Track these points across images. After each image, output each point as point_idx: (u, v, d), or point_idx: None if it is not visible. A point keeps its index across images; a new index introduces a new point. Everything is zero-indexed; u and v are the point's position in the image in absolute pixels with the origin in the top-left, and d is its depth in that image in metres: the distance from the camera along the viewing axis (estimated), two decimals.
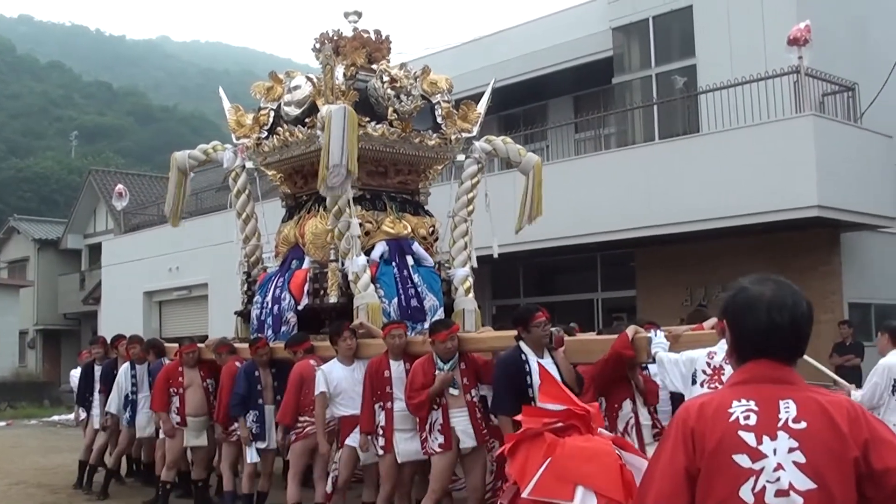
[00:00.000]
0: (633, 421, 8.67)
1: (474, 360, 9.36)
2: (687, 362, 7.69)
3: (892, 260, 19.63)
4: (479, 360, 9.37)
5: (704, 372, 7.56)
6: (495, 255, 13.65)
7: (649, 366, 9.01)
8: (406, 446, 9.47)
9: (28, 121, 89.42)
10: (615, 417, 8.73)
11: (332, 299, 11.90)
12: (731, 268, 16.98)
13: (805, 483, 2.80)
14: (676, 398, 8.57)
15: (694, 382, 7.55)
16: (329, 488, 10.35)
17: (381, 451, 9.61)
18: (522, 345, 8.37)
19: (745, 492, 2.84)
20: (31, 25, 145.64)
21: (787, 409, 2.91)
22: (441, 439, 9.06)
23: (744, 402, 2.96)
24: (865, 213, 17.51)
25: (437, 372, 9.11)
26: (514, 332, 8.59)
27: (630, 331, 8.46)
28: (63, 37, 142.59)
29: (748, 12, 19.42)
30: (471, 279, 13.03)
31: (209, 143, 14.74)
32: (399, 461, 9.56)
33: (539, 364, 8.02)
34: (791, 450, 2.84)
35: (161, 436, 12.77)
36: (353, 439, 9.99)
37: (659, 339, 8.21)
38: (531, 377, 8.09)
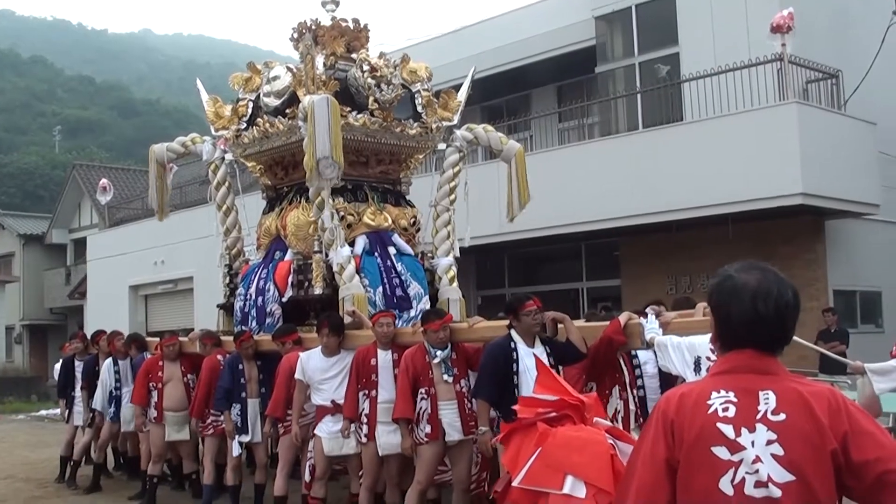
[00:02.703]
0: (621, 408, 8.69)
1: (465, 349, 9.38)
2: (690, 347, 7.61)
3: (877, 247, 19.68)
4: (470, 349, 9.37)
5: (709, 359, 7.50)
6: (466, 244, 13.54)
7: (639, 353, 9.02)
8: (388, 439, 9.44)
9: (11, 116, 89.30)
10: (604, 404, 8.74)
11: (318, 290, 11.85)
12: (716, 256, 16.99)
13: (783, 475, 2.80)
14: (667, 386, 8.54)
15: (698, 369, 7.46)
16: (307, 477, 10.32)
17: (364, 440, 9.61)
18: (513, 333, 8.38)
19: (725, 484, 2.84)
20: (12, 20, 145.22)
21: (767, 401, 2.90)
22: (428, 429, 9.07)
23: (723, 393, 2.95)
24: (850, 201, 17.54)
25: (428, 360, 9.12)
26: (507, 322, 8.58)
27: (623, 317, 8.50)
28: (45, 31, 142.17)
29: (731, 0, 19.38)
30: (454, 268, 12.99)
31: (189, 135, 14.67)
32: (381, 453, 9.54)
33: (535, 356, 8.01)
34: (769, 442, 2.84)
35: (146, 429, 12.73)
36: (321, 429, 9.96)
37: (652, 324, 8.17)
38: (517, 365, 8.12)
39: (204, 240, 23.00)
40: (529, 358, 8.16)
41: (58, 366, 16.28)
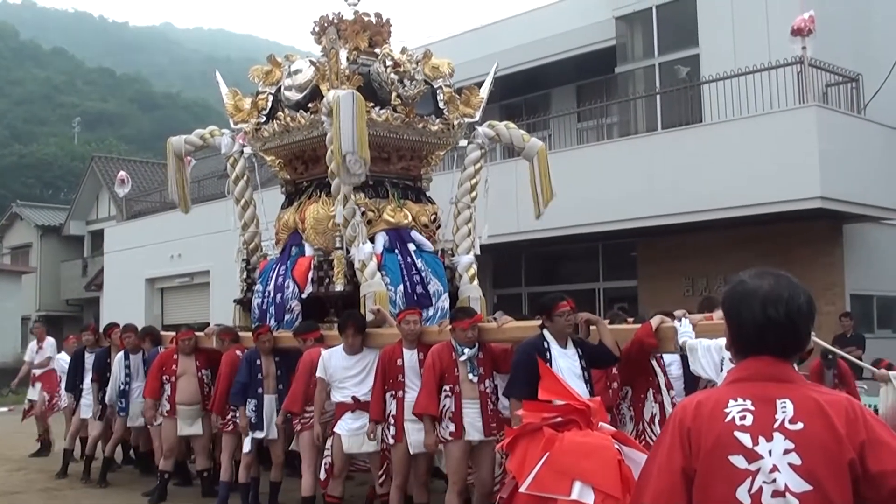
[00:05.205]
0: (657, 412, 8.66)
1: (492, 349, 9.28)
2: (717, 349, 7.57)
3: (895, 252, 19.58)
4: (496, 349, 9.29)
5: (731, 360, 7.45)
6: (483, 241, 13.38)
7: (664, 355, 8.97)
8: (418, 437, 9.34)
9: (31, 107, 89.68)
10: (641, 408, 8.77)
11: (339, 287, 11.79)
12: (733, 259, 16.98)
13: (800, 485, 2.78)
14: (692, 389, 8.52)
15: (722, 370, 7.42)
16: (322, 475, 10.27)
17: (391, 441, 9.55)
18: (546, 333, 8.27)
19: (742, 493, 2.82)
20: (34, 11, 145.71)
21: (784, 410, 2.88)
22: (452, 427, 8.98)
23: (740, 401, 2.94)
24: (868, 205, 17.49)
25: (454, 357, 9.07)
26: (537, 323, 8.54)
27: (655, 320, 8.45)
28: (66, 23, 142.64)
29: (752, 2, 19.37)
30: (475, 266, 12.94)
31: (207, 128, 14.65)
32: (411, 452, 9.47)
33: (539, 360, 7.89)
34: (787, 451, 2.82)
35: (157, 423, 12.68)
36: (340, 426, 9.91)
37: (686, 327, 8.13)
38: (551, 365, 7.98)
39: (221, 234, 23.02)
40: (563, 359, 8.08)
41: (59, 356, 16.30)
